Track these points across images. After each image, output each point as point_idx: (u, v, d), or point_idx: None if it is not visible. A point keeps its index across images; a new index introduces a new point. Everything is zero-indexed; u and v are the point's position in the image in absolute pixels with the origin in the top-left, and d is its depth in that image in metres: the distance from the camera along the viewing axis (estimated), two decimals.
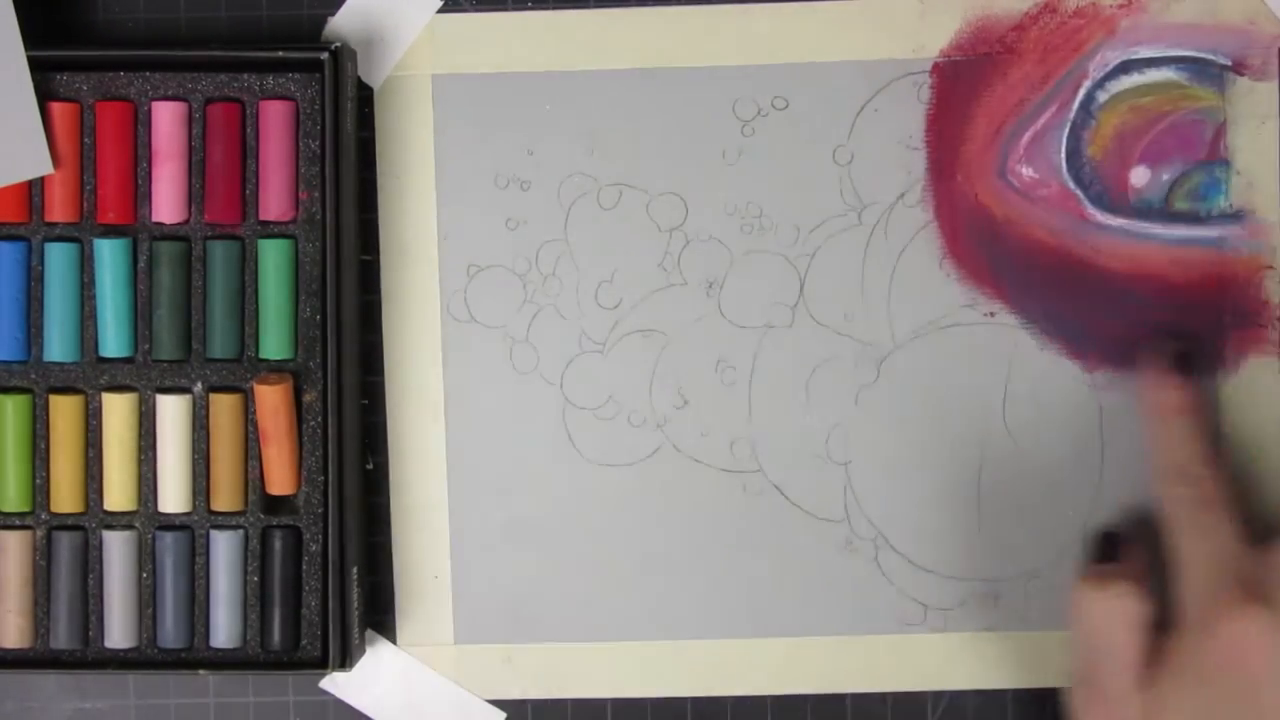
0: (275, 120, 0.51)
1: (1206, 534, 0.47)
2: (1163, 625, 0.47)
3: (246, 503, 0.52)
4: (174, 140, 0.51)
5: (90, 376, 0.52)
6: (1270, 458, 0.51)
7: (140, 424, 0.52)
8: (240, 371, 0.51)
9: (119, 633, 0.51)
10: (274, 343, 0.51)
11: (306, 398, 0.51)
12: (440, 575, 0.53)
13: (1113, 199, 0.52)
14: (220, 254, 0.51)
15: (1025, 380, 0.52)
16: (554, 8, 0.52)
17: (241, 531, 0.51)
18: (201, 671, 0.51)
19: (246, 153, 0.51)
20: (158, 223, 0.51)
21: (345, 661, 0.50)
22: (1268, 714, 0.45)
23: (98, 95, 0.51)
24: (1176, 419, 0.49)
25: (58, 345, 0.51)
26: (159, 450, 0.51)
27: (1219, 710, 0.45)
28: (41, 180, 0.51)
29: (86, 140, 0.51)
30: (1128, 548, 0.50)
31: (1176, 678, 0.46)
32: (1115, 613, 0.47)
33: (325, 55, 0.50)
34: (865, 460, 0.52)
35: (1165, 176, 0.51)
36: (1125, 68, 0.51)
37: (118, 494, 0.51)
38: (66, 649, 0.51)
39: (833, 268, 0.52)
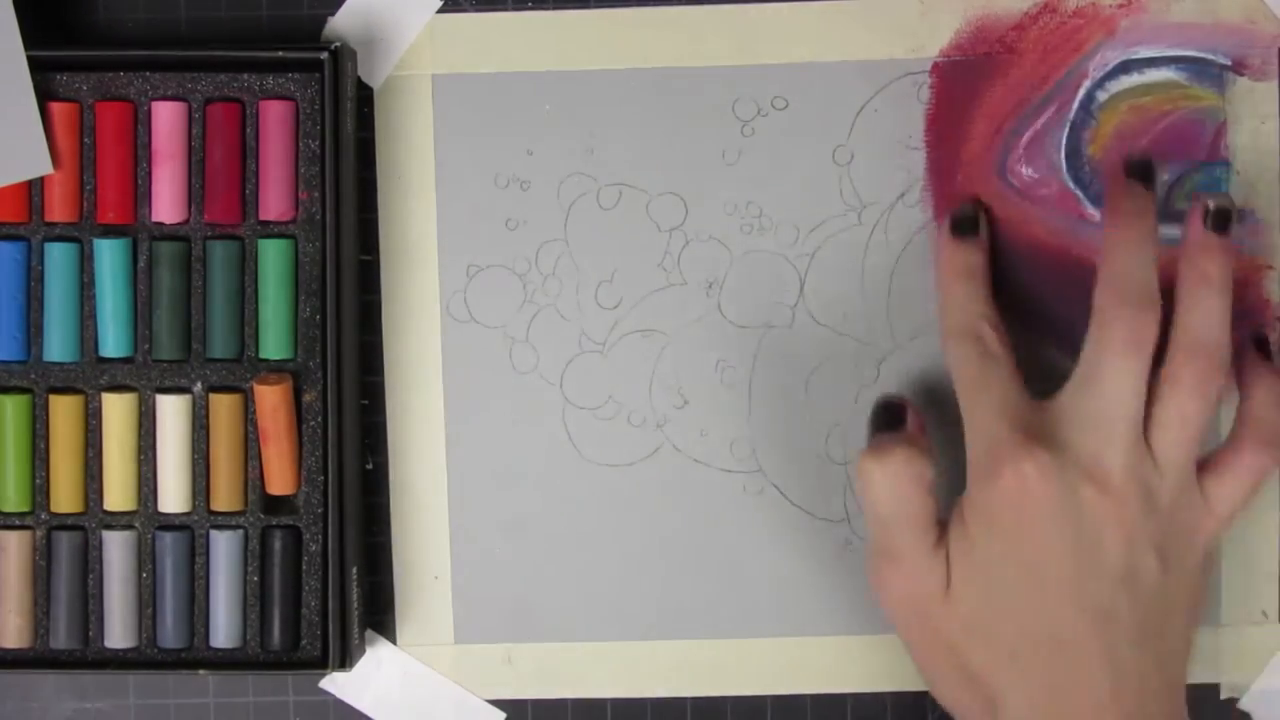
0: (275, 120, 0.51)
1: (988, 388, 0.47)
2: (957, 488, 0.48)
3: (246, 503, 0.52)
4: (174, 140, 0.51)
5: (90, 376, 0.52)
6: None
7: (140, 424, 0.52)
8: (240, 371, 0.51)
9: (119, 633, 0.51)
10: (274, 343, 0.51)
11: (306, 398, 0.51)
12: (440, 575, 0.53)
13: None
14: (220, 254, 0.51)
15: (1024, 380, 0.52)
16: (554, 8, 0.52)
17: (241, 531, 0.51)
18: (201, 671, 0.51)
19: (246, 153, 0.51)
20: (158, 223, 0.51)
21: (345, 661, 0.50)
22: (1057, 556, 0.45)
23: (98, 95, 0.51)
24: (960, 280, 0.49)
25: (58, 345, 0.51)
26: (159, 450, 0.51)
27: (1011, 558, 0.46)
28: (41, 180, 0.51)
29: (86, 140, 0.51)
30: (907, 415, 0.50)
31: (968, 531, 0.47)
32: (898, 478, 0.47)
33: (325, 55, 0.50)
34: None
35: (1165, 176, 0.51)
36: (1125, 67, 0.51)
37: (118, 494, 0.51)
38: (66, 649, 0.51)
39: (833, 268, 0.52)
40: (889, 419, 0.50)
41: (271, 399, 0.51)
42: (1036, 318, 0.52)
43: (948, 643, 0.47)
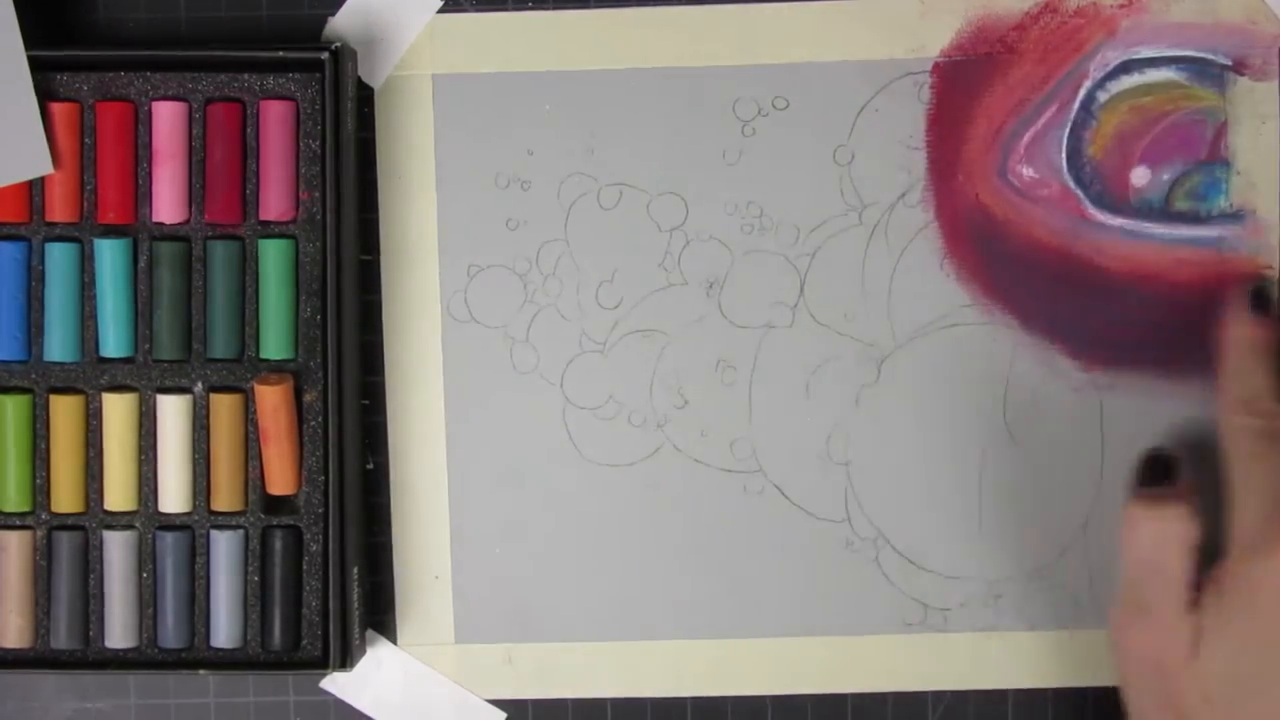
0: (275, 120, 0.51)
1: (1269, 463, 0.47)
2: (1211, 553, 0.47)
3: (246, 503, 0.52)
4: (174, 140, 0.51)
5: (90, 376, 0.52)
6: None
7: (140, 424, 0.52)
8: (240, 371, 0.51)
9: (119, 633, 0.51)
10: (274, 343, 0.51)
11: (306, 398, 0.51)
12: (440, 575, 0.53)
13: (1113, 199, 0.52)
14: (220, 254, 0.51)
15: (1025, 380, 0.52)
16: (554, 8, 0.52)
17: (241, 531, 0.51)
18: (201, 671, 0.51)
19: (246, 153, 0.51)
20: (158, 223, 0.51)
21: (345, 661, 0.50)
22: None
23: (98, 95, 0.51)
24: (1253, 354, 0.49)
25: (58, 345, 0.51)
26: (159, 450, 0.51)
27: (1266, 635, 0.45)
28: (41, 180, 0.51)
29: (86, 140, 0.51)
30: (1177, 470, 0.50)
31: (1225, 603, 0.46)
32: (1167, 534, 0.47)
33: (325, 55, 0.50)
34: (865, 460, 0.52)
35: (1165, 176, 0.51)
36: (1126, 68, 0.51)
37: (118, 494, 0.51)
38: (66, 649, 0.51)
39: (833, 268, 0.52)
40: (1160, 472, 0.50)
41: (272, 399, 0.51)
42: (1038, 319, 0.52)
43: (1181, 709, 0.46)
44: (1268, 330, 0.49)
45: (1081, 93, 0.52)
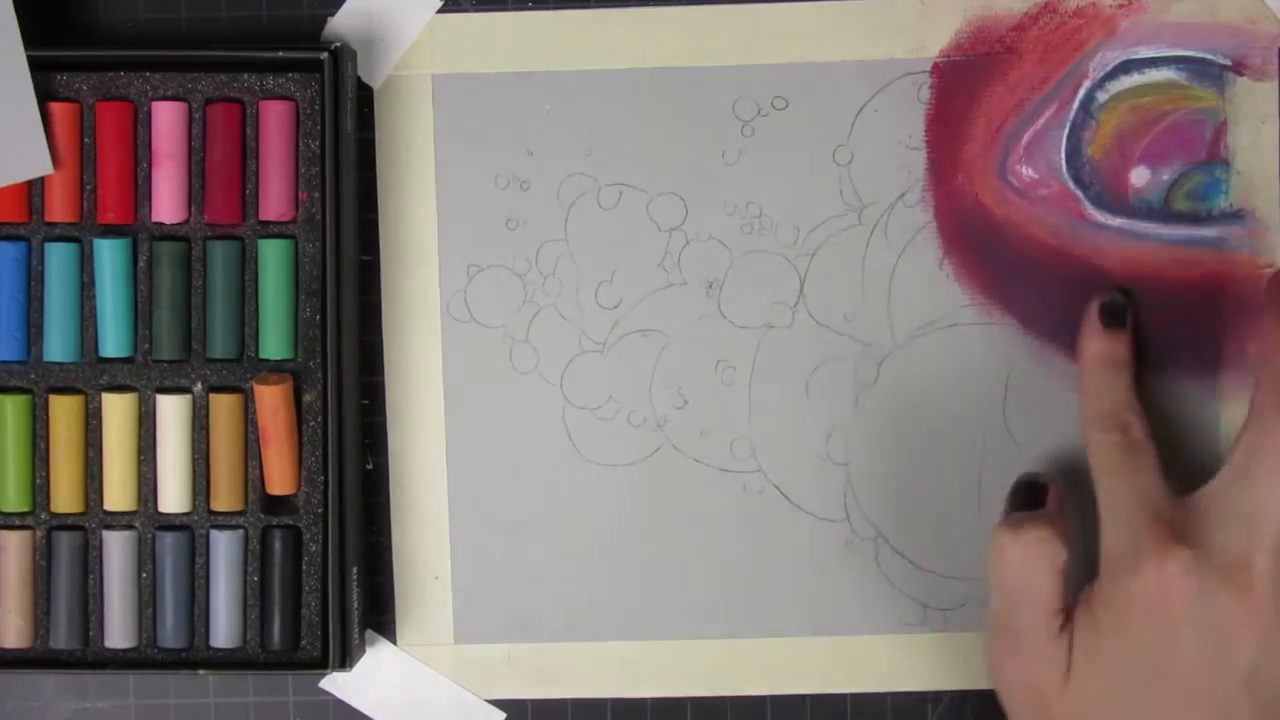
0: (275, 120, 0.51)
1: (1131, 478, 0.47)
2: (1085, 575, 0.47)
3: (246, 503, 0.52)
4: (174, 140, 0.51)
5: (90, 376, 0.52)
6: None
7: (140, 424, 0.52)
8: (240, 371, 0.51)
9: (119, 633, 0.51)
10: (274, 343, 0.51)
11: (306, 398, 0.51)
12: (440, 575, 0.53)
13: (1113, 199, 0.52)
14: (220, 254, 0.51)
15: (1025, 380, 0.52)
16: (554, 8, 0.52)
17: (241, 531, 0.51)
18: (201, 671, 0.51)
19: (246, 153, 0.51)
20: (158, 223, 0.51)
21: (345, 661, 0.50)
22: (1187, 655, 0.45)
23: (98, 95, 0.51)
24: (1107, 369, 0.49)
25: (58, 345, 0.51)
26: (159, 450, 0.51)
27: (1139, 653, 0.45)
28: (41, 180, 0.51)
29: (86, 140, 0.51)
30: (1049, 495, 0.49)
31: (1097, 621, 0.46)
32: (1034, 558, 0.47)
33: (325, 55, 0.50)
34: (865, 460, 0.52)
35: (1165, 176, 0.51)
36: (1125, 68, 0.51)
37: (118, 494, 0.51)
38: (66, 649, 0.51)
39: (833, 268, 0.52)
40: (1030, 497, 0.50)
41: (272, 399, 0.51)
42: (1037, 319, 0.52)
43: None
44: (1121, 345, 0.49)
45: (1081, 93, 0.52)
